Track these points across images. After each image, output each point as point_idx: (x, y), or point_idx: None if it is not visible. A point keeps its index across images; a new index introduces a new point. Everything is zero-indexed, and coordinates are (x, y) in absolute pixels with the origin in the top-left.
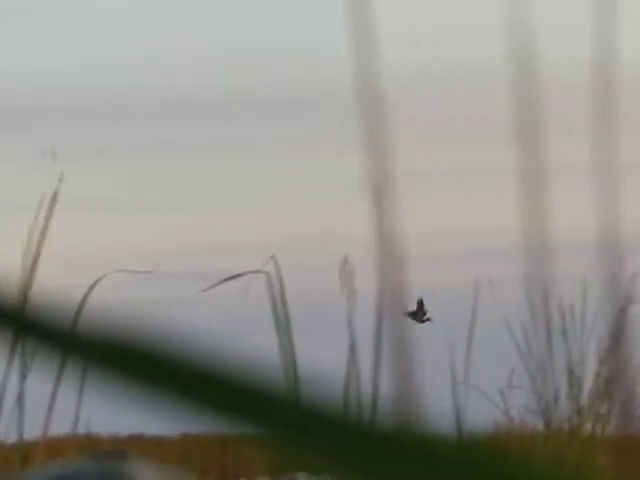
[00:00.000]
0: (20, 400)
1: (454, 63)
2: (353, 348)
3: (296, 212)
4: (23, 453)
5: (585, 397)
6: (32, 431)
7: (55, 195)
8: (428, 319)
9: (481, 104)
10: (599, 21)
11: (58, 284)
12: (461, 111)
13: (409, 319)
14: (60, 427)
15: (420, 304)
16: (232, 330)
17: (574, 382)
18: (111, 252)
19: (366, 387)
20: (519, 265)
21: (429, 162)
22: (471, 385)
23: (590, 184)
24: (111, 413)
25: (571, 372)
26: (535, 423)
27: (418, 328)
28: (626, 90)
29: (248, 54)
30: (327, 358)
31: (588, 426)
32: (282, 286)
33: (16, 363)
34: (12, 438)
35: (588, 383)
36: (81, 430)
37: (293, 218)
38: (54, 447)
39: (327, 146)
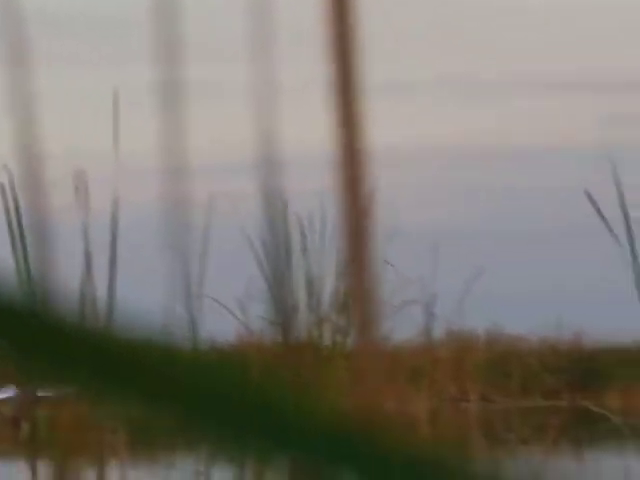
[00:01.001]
0: None
1: None
2: (88, 260)
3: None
4: None
5: (325, 309)
6: None
7: None
8: None
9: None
10: None
11: None
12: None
13: None
14: None
15: None
16: None
17: (314, 294)
18: None
19: (101, 300)
20: (255, 180)
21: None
22: (207, 296)
23: (248, 103)
24: None
25: (310, 284)
26: (274, 335)
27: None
28: (285, 8)
29: None
30: (63, 270)
31: (327, 338)
32: (16, 198)
33: None
34: None
35: (327, 295)
36: None
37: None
38: None
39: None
